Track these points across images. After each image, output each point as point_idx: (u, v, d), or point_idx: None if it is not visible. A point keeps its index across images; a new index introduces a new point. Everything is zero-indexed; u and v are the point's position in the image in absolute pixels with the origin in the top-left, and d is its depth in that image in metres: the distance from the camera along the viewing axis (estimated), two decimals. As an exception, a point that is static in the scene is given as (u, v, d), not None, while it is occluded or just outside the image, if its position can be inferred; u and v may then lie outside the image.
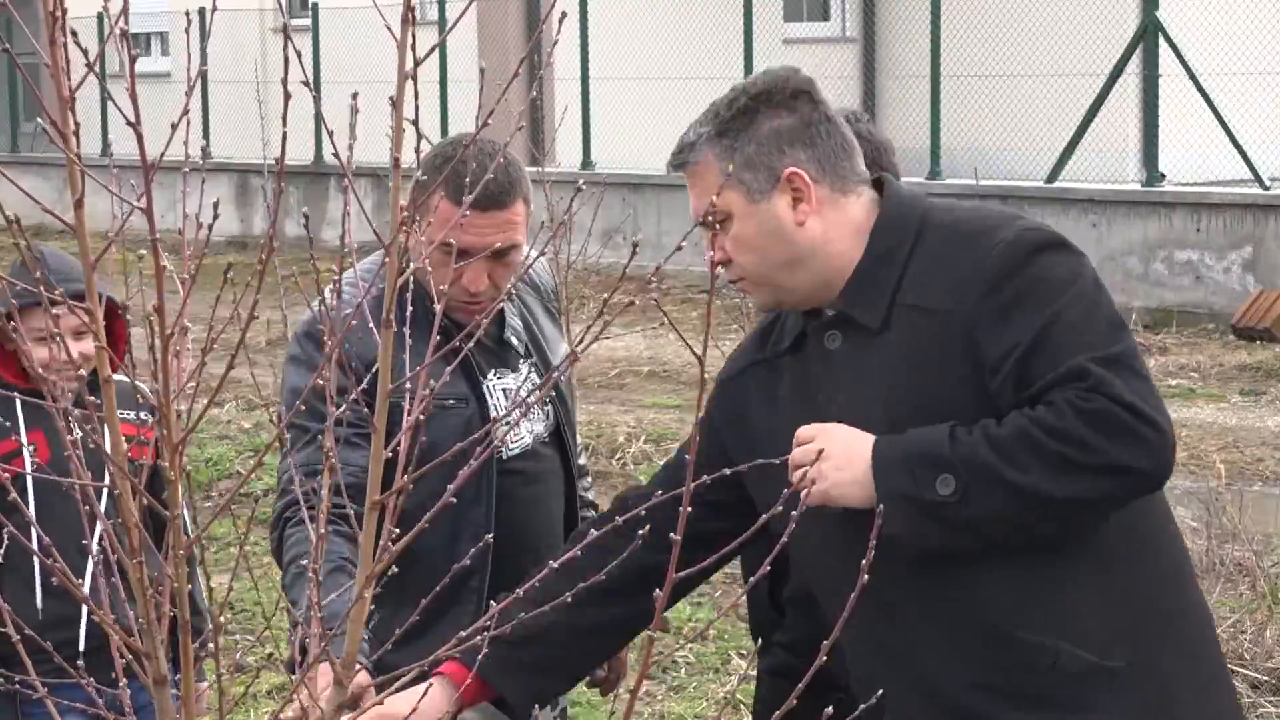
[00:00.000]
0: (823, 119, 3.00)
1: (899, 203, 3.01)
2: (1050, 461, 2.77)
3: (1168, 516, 3.03)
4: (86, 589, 3.81)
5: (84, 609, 4.14)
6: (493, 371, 3.81)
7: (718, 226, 2.99)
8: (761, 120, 2.97)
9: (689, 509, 2.00)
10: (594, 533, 2.67)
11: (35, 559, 4.04)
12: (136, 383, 2.24)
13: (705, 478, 2.25)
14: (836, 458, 2.88)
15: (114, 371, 4.09)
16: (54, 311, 2.10)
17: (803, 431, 2.95)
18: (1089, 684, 2.88)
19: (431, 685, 3.10)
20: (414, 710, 2.69)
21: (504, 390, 3.82)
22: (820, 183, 2.97)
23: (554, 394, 3.90)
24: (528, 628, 2.73)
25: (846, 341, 2.98)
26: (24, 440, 4.18)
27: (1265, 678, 6.64)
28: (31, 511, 4.05)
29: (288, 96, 1.98)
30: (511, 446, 3.82)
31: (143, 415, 4.07)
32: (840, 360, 2.99)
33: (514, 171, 3.63)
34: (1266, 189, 14.83)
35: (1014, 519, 2.83)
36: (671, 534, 1.96)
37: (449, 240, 3.41)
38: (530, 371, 3.87)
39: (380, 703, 2.56)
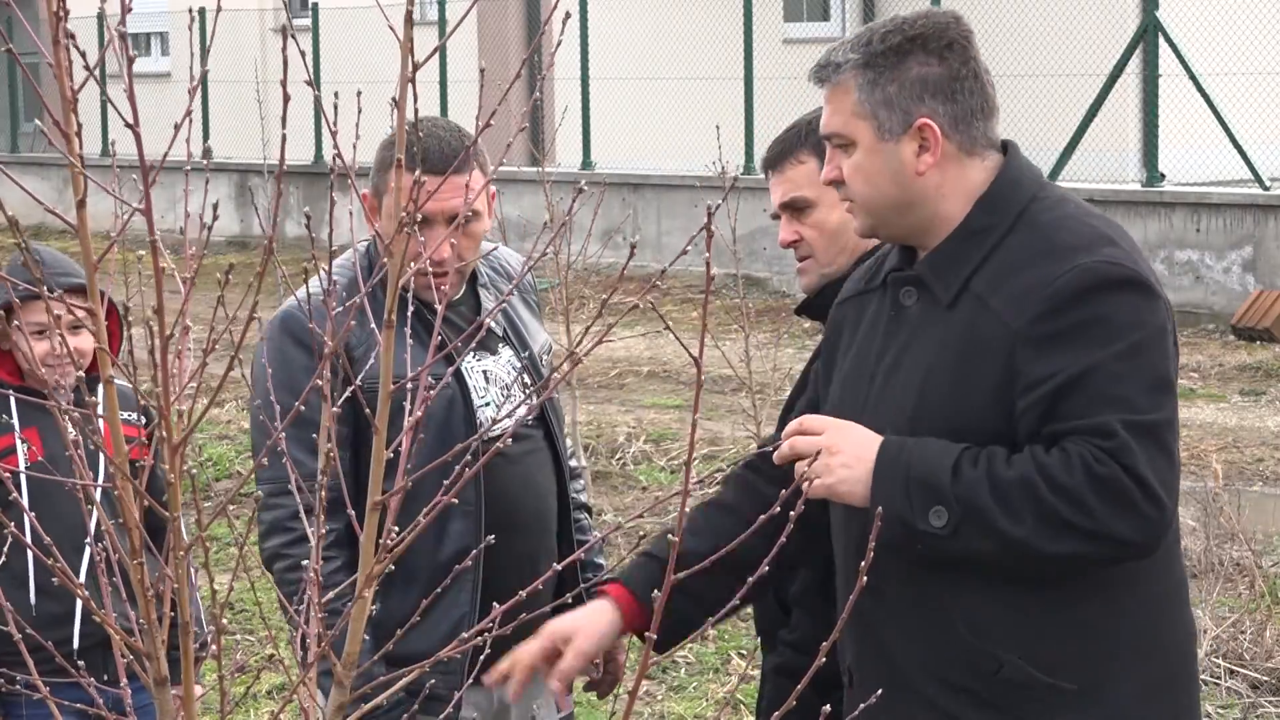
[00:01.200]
0: (970, 75, 3.00)
1: (1010, 182, 3.00)
2: (1045, 517, 2.79)
3: (1168, 543, 3.00)
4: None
5: (77, 609, 4.14)
6: (471, 354, 3.83)
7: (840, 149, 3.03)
8: (911, 63, 2.98)
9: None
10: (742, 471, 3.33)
11: (29, 557, 4.03)
12: (128, 383, 2.24)
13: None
14: (845, 455, 2.91)
15: (93, 372, 4.08)
16: (56, 311, 2.10)
17: (811, 422, 2.98)
18: (1033, 697, 2.91)
19: (597, 604, 3.26)
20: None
21: (484, 372, 3.85)
22: (950, 138, 2.98)
23: (537, 378, 3.92)
24: (682, 554, 3.00)
25: (919, 303, 3.01)
26: (19, 437, 4.17)
27: (1265, 678, 6.64)
28: (28, 509, 4.08)
29: (287, 97, 1.98)
30: (495, 428, 3.83)
31: (132, 415, 4.09)
32: (908, 319, 3.02)
33: (468, 141, 3.69)
34: (1266, 189, 14.83)
35: (996, 560, 2.86)
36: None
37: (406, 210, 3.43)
38: (511, 355, 3.91)
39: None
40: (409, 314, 3.64)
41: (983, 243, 2.95)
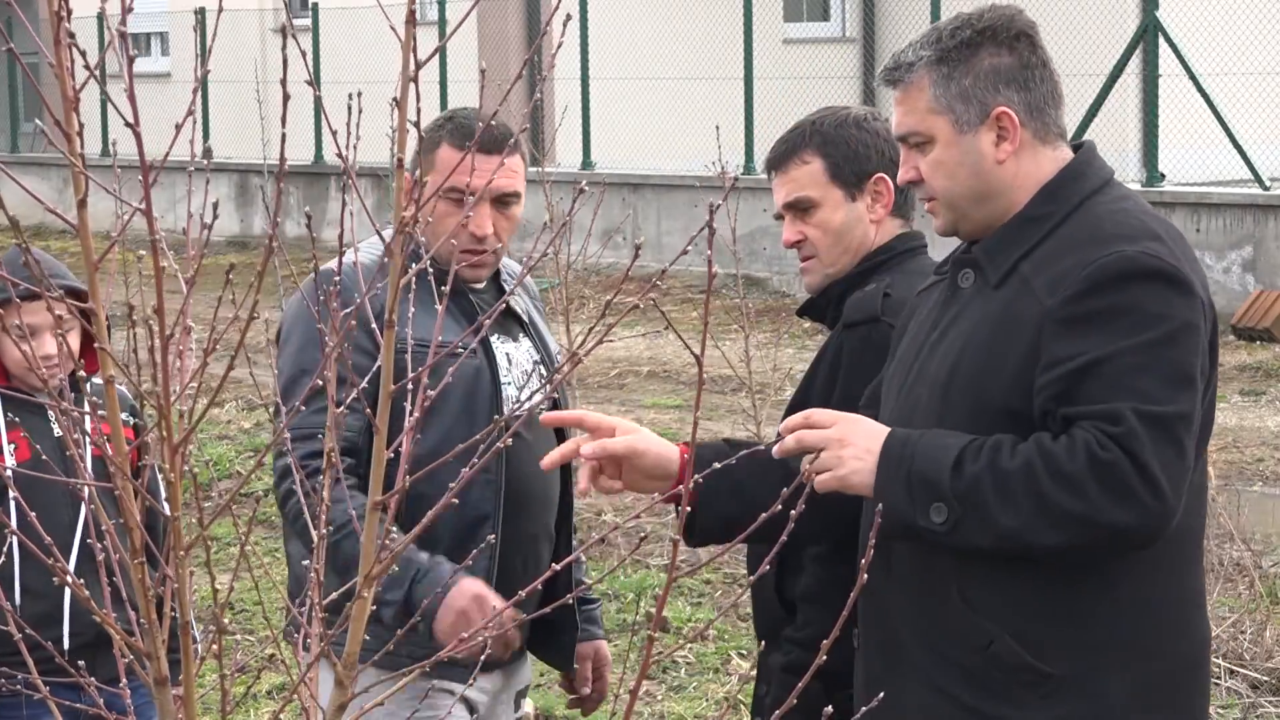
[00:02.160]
0: (1039, 64, 3.06)
1: (1074, 174, 3.05)
2: (1044, 507, 2.80)
3: (1184, 547, 2.99)
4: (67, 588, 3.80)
5: (65, 609, 4.12)
6: (496, 335, 3.95)
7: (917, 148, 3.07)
8: (983, 55, 3.03)
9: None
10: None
11: (14, 557, 4.03)
12: (126, 382, 2.24)
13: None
14: (856, 447, 2.93)
15: (92, 371, 4.08)
16: (57, 310, 2.10)
17: (819, 416, 3.00)
18: (1020, 680, 2.92)
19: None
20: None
21: (507, 354, 3.96)
22: (1026, 126, 3.04)
23: (552, 368, 4.01)
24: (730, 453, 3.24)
25: (973, 285, 3.05)
26: (4, 440, 4.15)
27: (1265, 678, 6.64)
28: (14, 511, 4.06)
29: (287, 97, 1.98)
30: (520, 409, 3.90)
31: (127, 416, 4.09)
32: (962, 299, 3.06)
33: (512, 128, 3.82)
34: (1266, 189, 14.83)
35: (997, 552, 2.88)
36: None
37: (455, 186, 3.64)
38: (530, 345, 4.02)
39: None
40: (430, 280, 3.71)
41: (1037, 229, 3.00)
